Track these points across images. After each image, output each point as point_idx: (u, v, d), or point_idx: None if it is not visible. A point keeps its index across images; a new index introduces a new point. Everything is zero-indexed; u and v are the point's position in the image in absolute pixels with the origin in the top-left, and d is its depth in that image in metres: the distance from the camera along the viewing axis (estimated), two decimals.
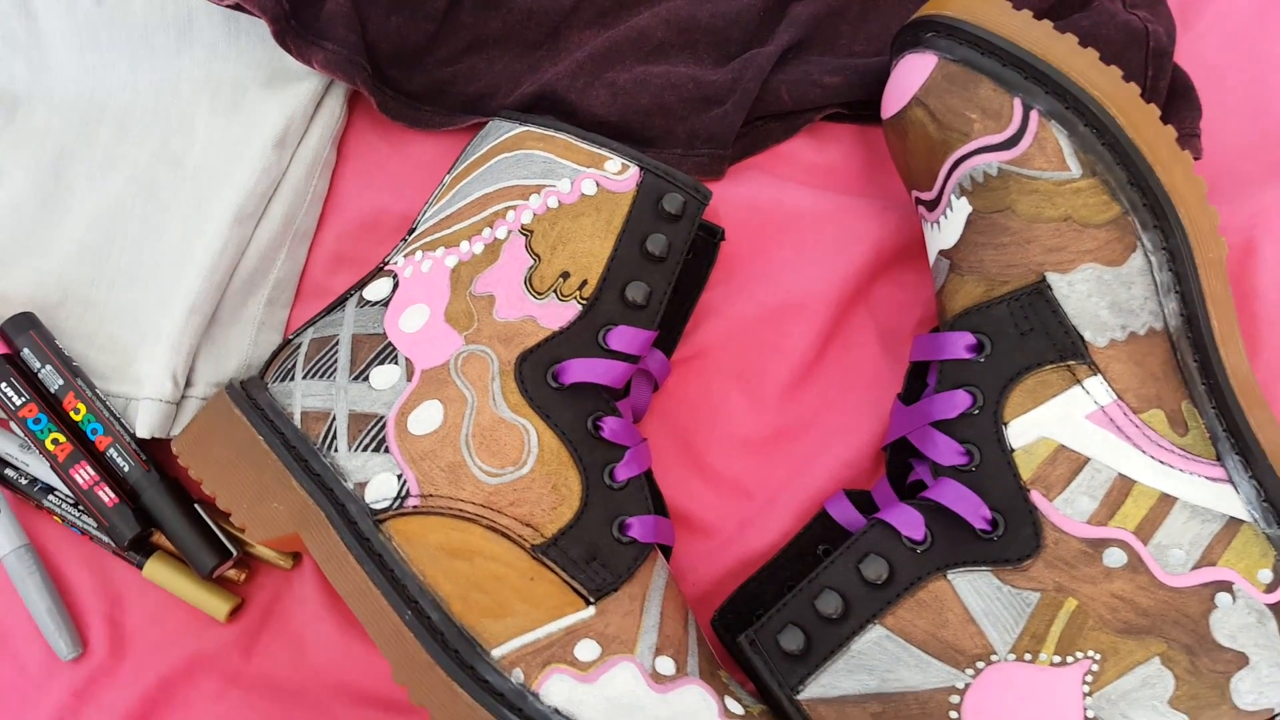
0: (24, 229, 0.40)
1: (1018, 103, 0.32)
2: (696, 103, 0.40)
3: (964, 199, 0.34)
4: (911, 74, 0.35)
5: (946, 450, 0.32)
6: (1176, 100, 0.40)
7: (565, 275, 0.35)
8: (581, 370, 0.34)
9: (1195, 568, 0.31)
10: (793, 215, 0.40)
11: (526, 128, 0.38)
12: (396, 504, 0.33)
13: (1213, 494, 0.31)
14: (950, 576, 0.31)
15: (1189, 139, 0.39)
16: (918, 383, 0.36)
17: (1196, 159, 0.39)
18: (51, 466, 0.37)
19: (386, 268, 0.38)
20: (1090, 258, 0.32)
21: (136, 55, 0.41)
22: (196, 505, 0.38)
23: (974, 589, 0.31)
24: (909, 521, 0.31)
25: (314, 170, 0.41)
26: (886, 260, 0.40)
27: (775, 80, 0.40)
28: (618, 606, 0.32)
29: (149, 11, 0.40)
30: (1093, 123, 0.32)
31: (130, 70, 0.41)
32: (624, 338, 0.34)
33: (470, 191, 0.38)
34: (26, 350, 0.38)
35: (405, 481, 0.33)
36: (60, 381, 0.38)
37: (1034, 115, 0.32)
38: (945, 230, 0.35)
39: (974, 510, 0.31)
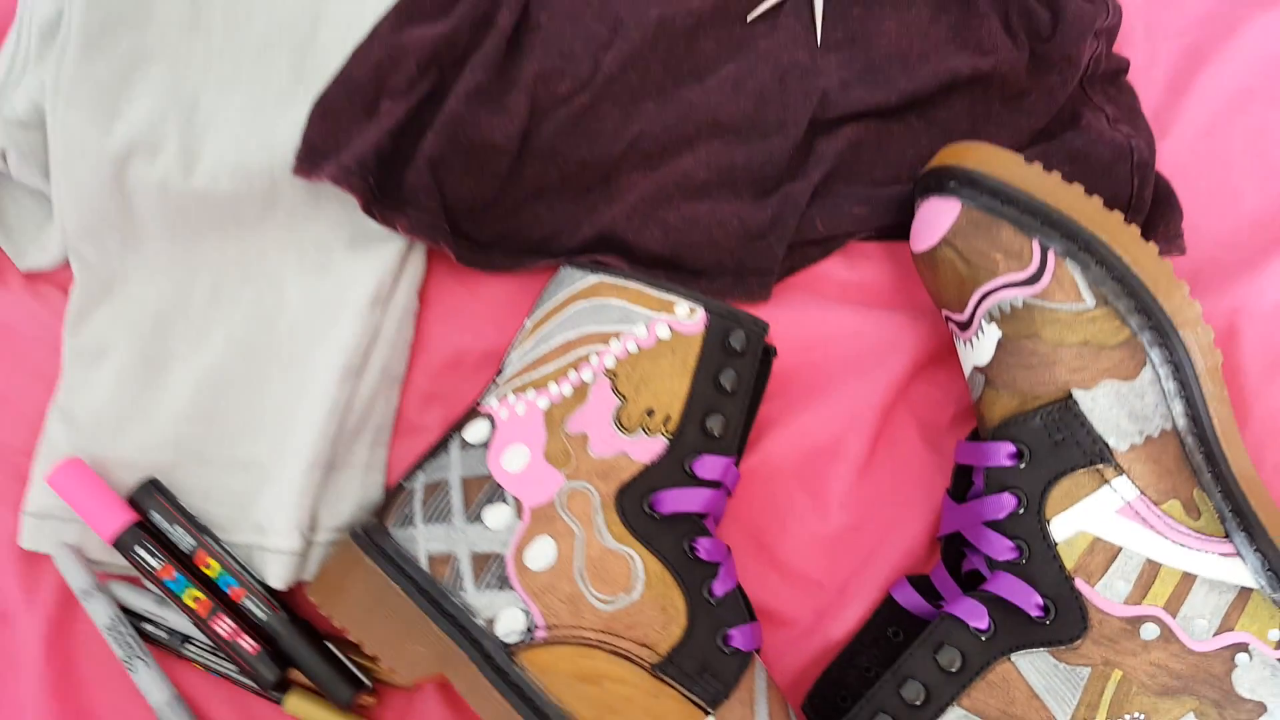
0: (132, 396, 0.44)
1: (1036, 244, 0.38)
2: (741, 237, 0.45)
3: (994, 325, 0.39)
4: (939, 216, 0.40)
5: (1000, 547, 0.37)
6: (1160, 205, 0.45)
7: (650, 412, 0.39)
8: (675, 500, 0.38)
9: (1217, 633, 0.36)
10: (833, 330, 0.45)
11: (600, 277, 0.42)
12: (526, 637, 0.37)
13: (1226, 568, 0.36)
14: (1014, 659, 0.36)
15: (1174, 239, 0.45)
16: (963, 479, 0.41)
17: (1181, 254, 0.45)
18: (192, 621, 0.41)
19: (482, 410, 0.42)
20: (1108, 375, 0.37)
21: (225, 225, 0.44)
22: (326, 641, 0.42)
23: (1035, 668, 0.36)
24: (974, 613, 0.36)
25: (404, 320, 0.45)
26: (921, 364, 0.45)
27: (810, 212, 0.45)
28: (732, 713, 0.36)
29: (236, 185, 0.44)
30: (1102, 260, 0.37)
31: (220, 239, 0.45)
32: (708, 466, 0.39)
33: (552, 336, 0.42)
34: (155, 514, 0.42)
35: (531, 615, 0.37)
36: (191, 540, 0.41)
37: (1051, 255, 0.37)
38: (978, 349, 0.40)
39: (1028, 600, 0.36)
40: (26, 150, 0.44)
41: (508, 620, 0.37)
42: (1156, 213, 0.45)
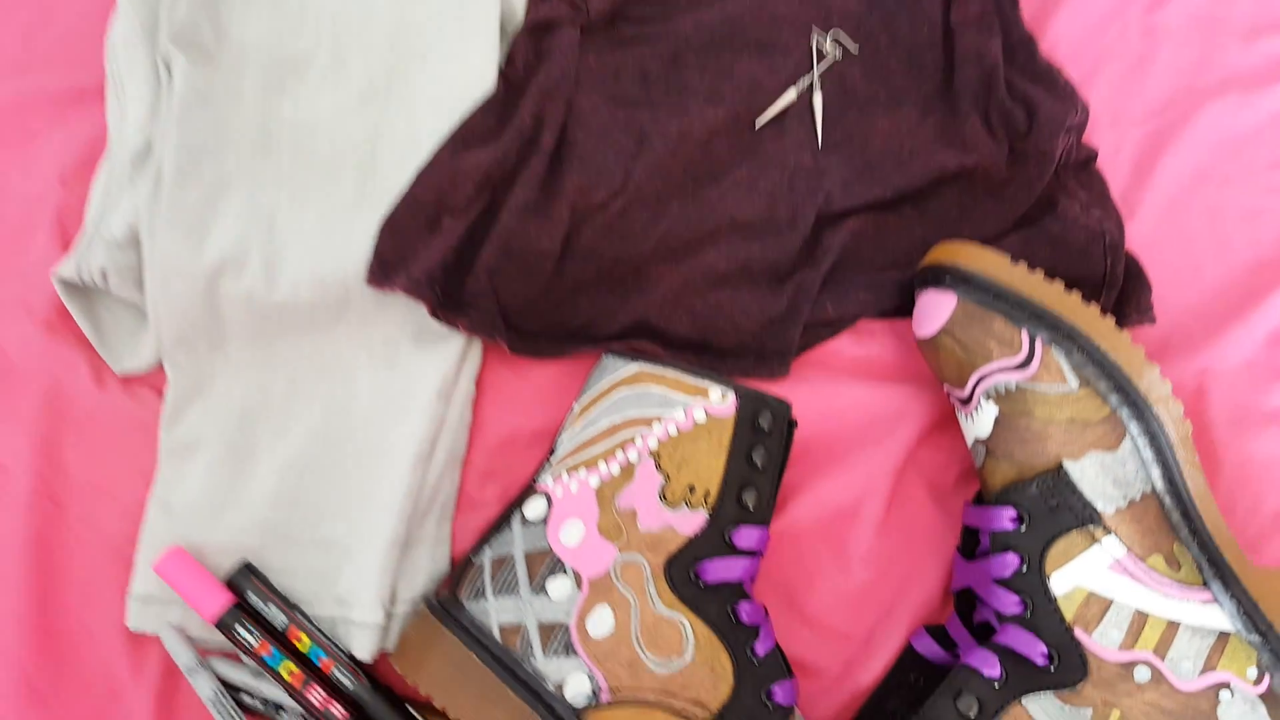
0: (223, 486, 0.48)
1: (1025, 333, 0.43)
2: (761, 322, 0.50)
3: (991, 402, 0.44)
4: (939, 308, 0.45)
5: (1007, 601, 0.42)
6: (1132, 281, 0.51)
7: (691, 488, 0.45)
8: (718, 570, 0.43)
9: (1201, 674, 0.41)
10: (847, 402, 0.50)
11: (639, 365, 0.47)
12: (593, 700, 0.42)
13: (1205, 614, 0.42)
14: (1024, 702, 0.41)
15: (1145, 312, 0.50)
16: (971, 537, 0.47)
17: (1152, 324, 0.50)
18: (288, 692, 0.45)
19: (539, 488, 0.47)
20: (1093, 447, 0.42)
21: (302, 328, 0.50)
22: (409, 707, 0.46)
23: (1043, 710, 0.41)
24: (987, 662, 0.41)
25: (465, 407, 0.50)
26: (926, 430, 0.50)
27: (821, 298, 0.50)
28: None
29: (314, 294, 0.49)
30: (1082, 348, 0.42)
31: (297, 339, 0.50)
32: (745, 536, 0.44)
33: (599, 420, 0.47)
34: (251, 594, 0.46)
35: (595, 679, 0.42)
36: (283, 617, 0.46)
37: (1038, 343, 0.43)
38: (979, 423, 0.45)
39: (1034, 649, 0.41)
40: (124, 268, 0.49)
41: (575, 684, 0.42)
42: (1128, 288, 0.51)
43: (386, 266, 0.48)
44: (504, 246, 0.48)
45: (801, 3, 0.54)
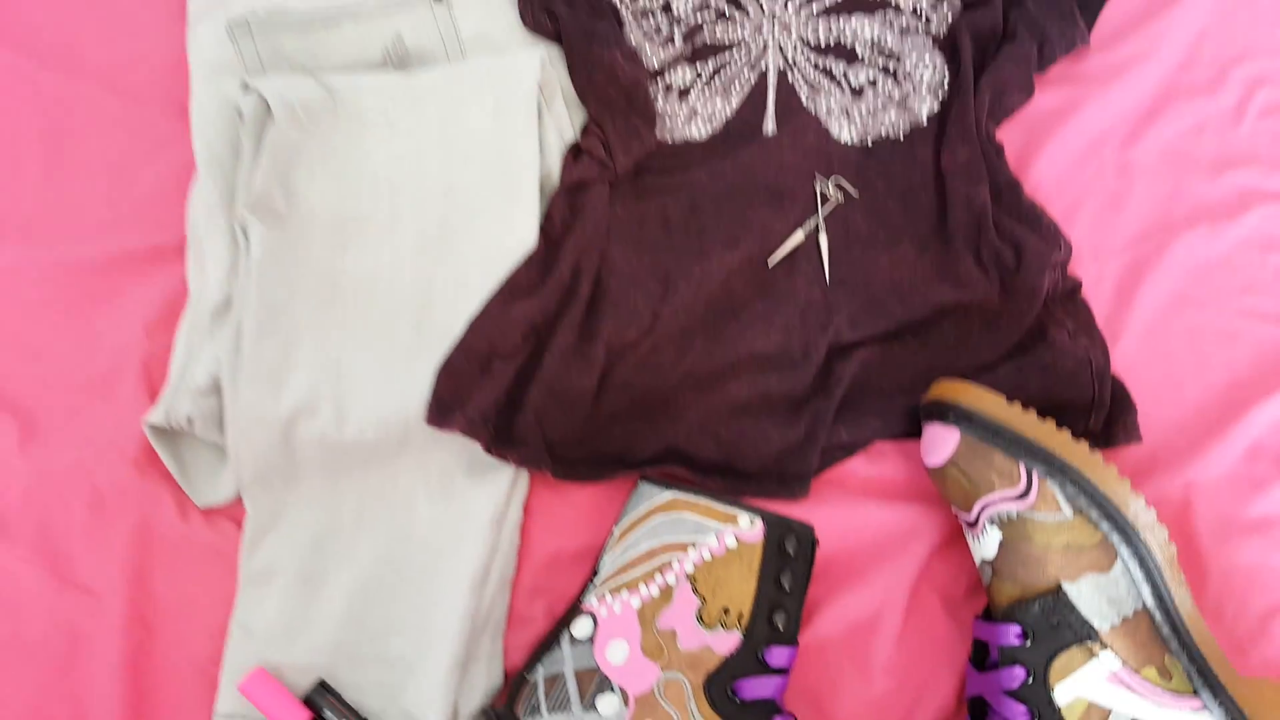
0: (298, 609, 0.53)
1: (1022, 467, 0.48)
2: (781, 448, 0.55)
3: (995, 527, 0.49)
4: (944, 442, 0.50)
5: (1016, 711, 0.47)
6: (1118, 404, 0.55)
7: (726, 610, 0.49)
8: (754, 688, 0.48)
9: None
10: (863, 520, 0.55)
11: (674, 493, 0.52)
12: None
13: None
14: None
15: (1132, 431, 0.55)
16: (981, 648, 0.51)
17: (1139, 443, 0.55)
18: None
19: (584, 608, 0.51)
20: (1088, 569, 0.47)
21: (367, 463, 0.55)
22: None
23: None
24: None
25: (515, 532, 0.55)
26: (937, 546, 0.55)
27: (835, 425, 0.55)
28: None
29: (378, 433, 0.54)
30: (1074, 480, 0.47)
31: (362, 473, 0.55)
32: (777, 655, 0.49)
33: (639, 544, 0.52)
34: (327, 711, 0.51)
35: None
36: None
37: (1035, 476, 0.48)
38: (984, 545, 0.50)
39: None
40: (207, 413, 0.54)
41: None
42: (1115, 410, 0.55)
43: (444, 407, 0.53)
44: (549, 387, 0.54)
45: (805, 153, 0.60)
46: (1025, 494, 0.48)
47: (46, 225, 0.59)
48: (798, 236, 0.58)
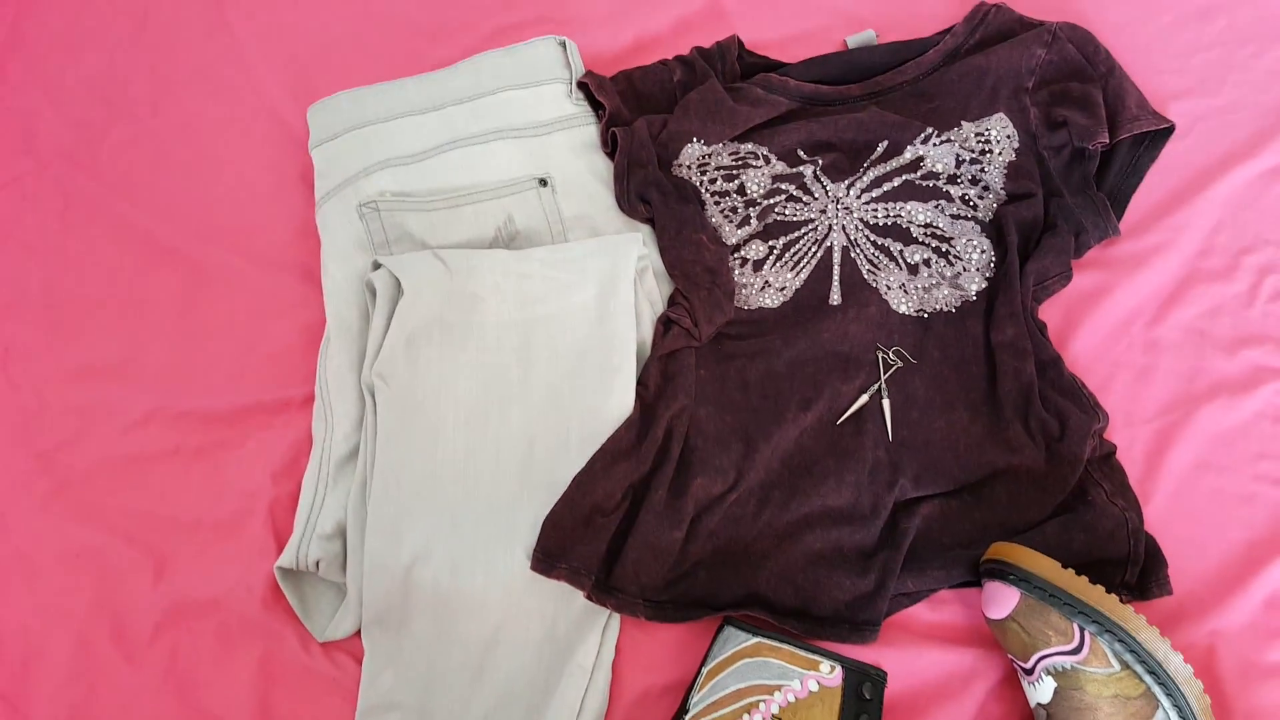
0: None
1: (1076, 626, 0.54)
2: (854, 595, 0.61)
3: (1050, 678, 0.55)
4: (1005, 598, 0.56)
5: None
6: (1151, 559, 0.62)
7: None
8: None
9: None
10: (926, 663, 0.61)
11: (759, 639, 0.58)
12: None
13: None
14: None
15: (1163, 584, 0.61)
16: None
17: (1170, 595, 0.61)
18: None
19: None
20: (1134, 717, 0.53)
21: (472, 608, 0.60)
22: None
23: None
24: None
25: (607, 670, 0.60)
26: (993, 686, 0.60)
27: (902, 575, 0.61)
28: None
29: (487, 579, 0.59)
30: (1121, 638, 0.53)
31: (468, 618, 0.60)
32: None
33: (726, 685, 0.57)
34: None
35: None
36: None
37: (1087, 634, 0.54)
38: (1040, 691, 0.55)
39: None
40: (332, 557, 0.59)
41: None
42: (1149, 565, 0.62)
43: (550, 556, 0.59)
44: (644, 540, 0.60)
45: (868, 323, 0.67)
46: (1078, 649, 0.54)
47: (181, 378, 0.65)
48: (863, 399, 0.65)
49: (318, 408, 0.63)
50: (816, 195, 0.71)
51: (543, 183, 0.66)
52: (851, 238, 0.70)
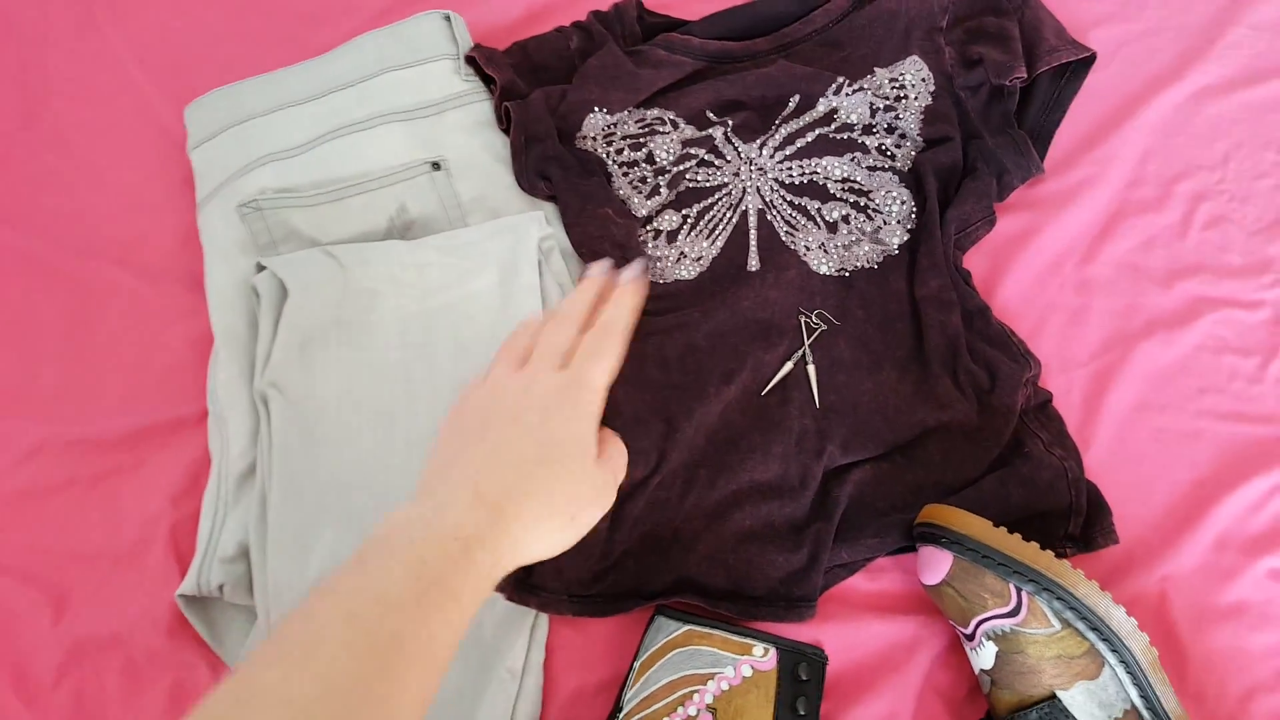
0: None
1: (1012, 587, 0.52)
2: (787, 571, 0.58)
3: (991, 642, 0.52)
4: (938, 563, 0.54)
5: None
6: (1094, 509, 0.59)
7: None
8: None
9: None
10: (866, 635, 0.58)
11: (689, 626, 0.55)
12: None
13: None
14: None
15: (1109, 534, 0.59)
16: None
17: (1117, 544, 0.59)
18: None
19: None
20: (1079, 677, 0.51)
21: None
22: None
23: None
24: None
25: (538, 674, 0.57)
26: (938, 653, 0.58)
27: (836, 546, 0.59)
28: None
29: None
30: (1060, 595, 0.51)
31: None
32: None
33: (659, 679, 0.55)
34: None
35: None
36: None
37: (1024, 594, 0.51)
38: (982, 657, 0.53)
39: None
40: (237, 579, 0.56)
41: None
42: (1092, 514, 0.59)
43: None
44: None
45: (788, 287, 0.64)
46: (1016, 611, 0.52)
47: (71, 403, 0.62)
48: (787, 367, 0.62)
49: (211, 424, 0.60)
50: (729, 158, 0.68)
51: (436, 166, 0.63)
52: (767, 199, 0.67)
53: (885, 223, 0.65)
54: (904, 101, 0.68)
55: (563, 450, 0.39)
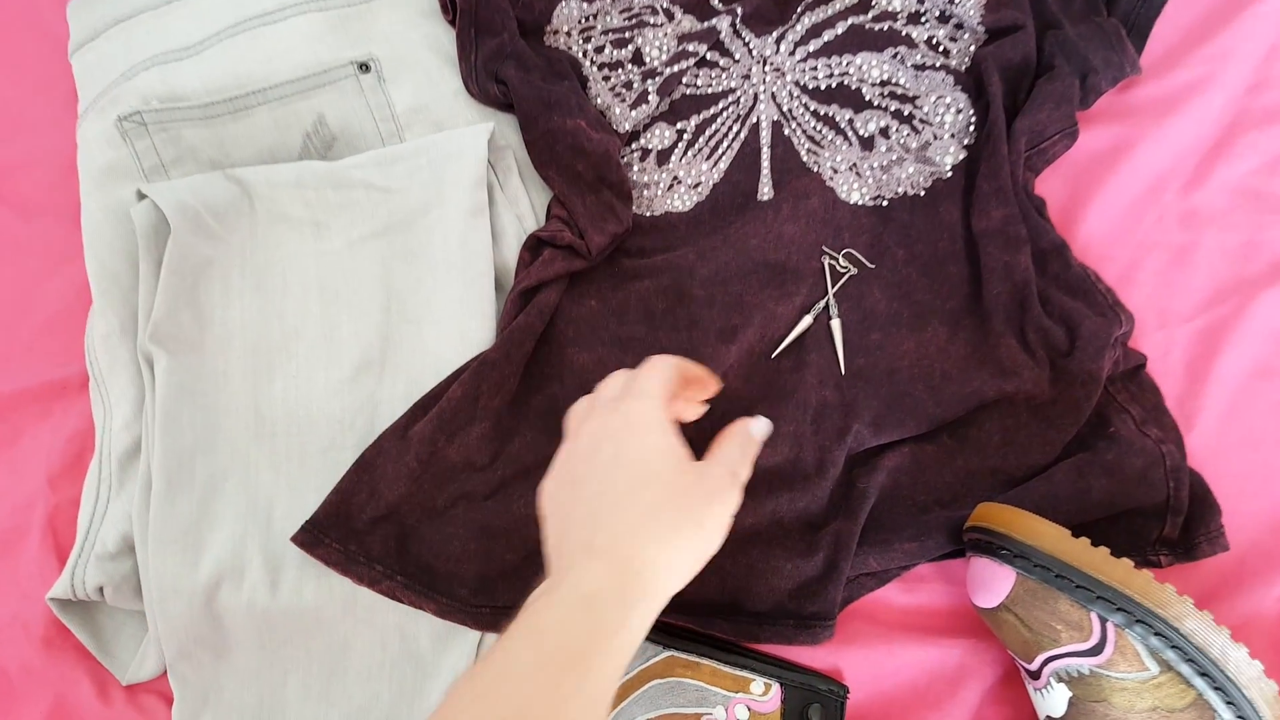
0: None
1: (1094, 616, 0.39)
2: (798, 581, 0.46)
3: (1063, 685, 0.40)
4: (997, 580, 0.41)
5: None
6: (1198, 505, 0.46)
7: None
8: None
9: None
10: (900, 661, 0.46)
11: (670, 652, 0.44)
12: None
13: None
14: None
15: (1216, 539, 0.46)
16: None
17: (1226, 551, 0.46)
18: None
19: None
20: None
21: (308, 629, 0.47)
22: None
23: None
24: None
25: None
26: (990, 687, 0.46)
27: (862, 551, 0.47)
28: None
29: (318, 594, 0.46)
30: (1160, 632, 0.38)
31: (304, 640, 0.47)
32: None
33: (633, 715, 0.44)
34: None
35: None
36: None
37: (1110, 627, 0.39)
38: (1050, 701, 0.41)
39: None
40: (120, 581, 0.46)
41: None
42: (1195, 513, 0.46)
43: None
44: (469, 527, 0.46)
45: (809, 221, 0.51)
46: (1099, 649, 0.39)
47: None
48: (805, 322, 0.50)
49: (93, 389, 0.49)
50: (737, 56, 0.54)
51: (364, 68, 0.50)
52: (785, 109, 0.53)
53: (936, 136, 0.51)
54: None
55: (646, 468, 0.36)
